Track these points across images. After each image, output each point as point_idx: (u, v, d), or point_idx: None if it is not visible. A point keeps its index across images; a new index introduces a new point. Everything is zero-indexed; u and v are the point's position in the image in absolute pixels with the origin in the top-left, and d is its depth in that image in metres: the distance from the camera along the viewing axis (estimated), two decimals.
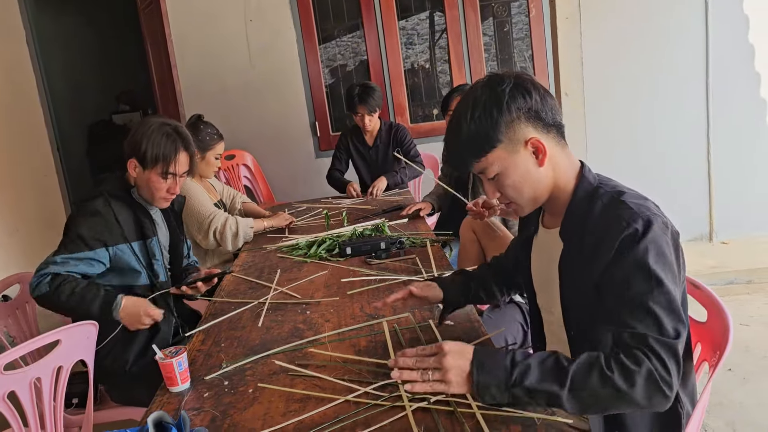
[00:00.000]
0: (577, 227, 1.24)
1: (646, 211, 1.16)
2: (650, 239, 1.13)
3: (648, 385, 1.05)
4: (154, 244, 2.02)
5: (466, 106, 1.24)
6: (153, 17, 4.16)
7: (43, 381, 1.64)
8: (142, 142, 1.93)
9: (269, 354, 1.63)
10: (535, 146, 1.22)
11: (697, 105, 4.07)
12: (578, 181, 1.27)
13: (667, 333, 1.09)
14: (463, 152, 1.26)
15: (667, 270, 1.13)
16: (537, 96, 1.21)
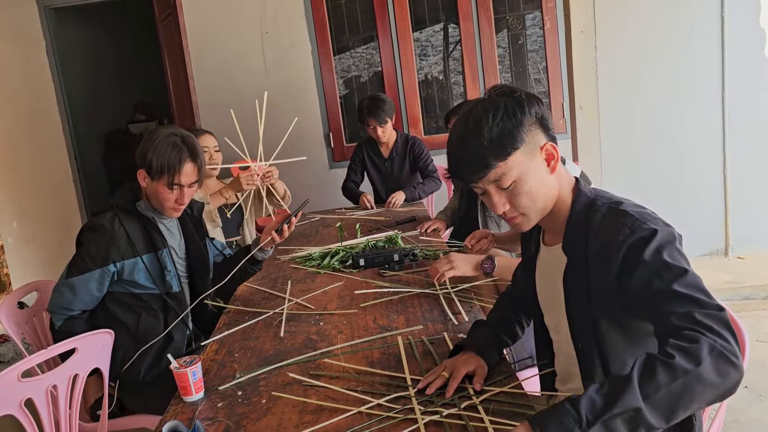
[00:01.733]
0: (580, 240, 1.25)
1: (647, 217, 1.18)
2: (659, 240, 1.13)
3: (714, 359, 0.98)
4: (165, 256, 2.02)
5: (485, 111, 1.22)
6: (170, 29, 4.22)
7: (59, 388, 1.66)
8: (148, 152, 1.94)
9: (283, 365, 1.63)
10: (549, 152, 1.24)
11: (713, 119, 4.05)
12: (575, 195, 1.28)
13: (710, 306, 1.05)
14: (485, 155, 1.21)
15: (682, 260, 1.13)
16: (541, 105, 1.27)
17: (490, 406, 1.32)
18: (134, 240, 1.95)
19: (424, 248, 2.59)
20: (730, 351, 0.99)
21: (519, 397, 1.35)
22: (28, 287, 2.28)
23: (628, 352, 1.23)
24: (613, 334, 1.24)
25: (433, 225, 2.98)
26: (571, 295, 1.30)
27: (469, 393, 1.37)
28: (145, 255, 1.97)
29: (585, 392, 1.02)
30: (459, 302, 1.92)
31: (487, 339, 1.51)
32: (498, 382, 1.42)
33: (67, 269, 1.94)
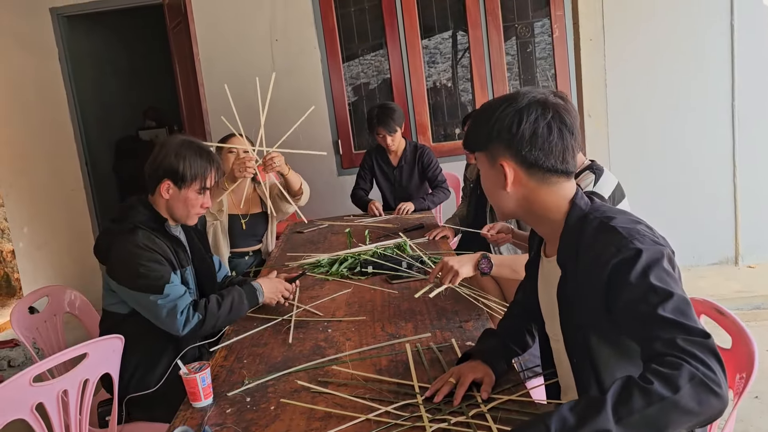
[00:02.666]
0: (571, 253, 1.24)
1: (635, 235, 1.15)
2: (645, 261, 1.11)
3: (694, 387, 0.97)
4: (188, 273, 2.04)
5: (483, 104, 1.33)
6: (181, 36, 4.26)
7: (70, 393, 1.67)
8: (178, 163, 1.95)
9: (291, 371, 1.64)
10: (504, 172, 1.25)
11: (723, 127, 4.04)
12: (569, 208, 1.27)
13: (695, 332, 1.03)
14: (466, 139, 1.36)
15: (672, 281, 1.10)
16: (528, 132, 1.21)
17: (497, 414, 1.32)
18: (166, 257, 1.95)
19: (432, 255, 2.59)
20: (712, 380, 0.98)
21: (527, 406, 1.35)
22: (38, 293, 2.30)
23: (619, 367, 1.22)
24: (604, 349, 1.22)
25: (442, 232, 2.98)
26: (563, 308, 1.29)
27: (476, 401, 1.37)
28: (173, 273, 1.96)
29: (558, 408, 1.02)
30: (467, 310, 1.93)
31: (495, 348, 1.51)
32: (506, 390, 1.42)
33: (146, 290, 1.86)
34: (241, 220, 3.03)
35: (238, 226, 3.02)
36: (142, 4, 4.76)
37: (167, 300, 1.85)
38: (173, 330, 1.86)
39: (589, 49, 3.51)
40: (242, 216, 3.05)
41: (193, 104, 4.31)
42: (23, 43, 4.69)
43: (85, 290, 2.73)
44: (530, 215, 1.31)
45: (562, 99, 1.27)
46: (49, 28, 4.67)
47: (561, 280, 1.28)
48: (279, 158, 2.93)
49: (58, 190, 4.88)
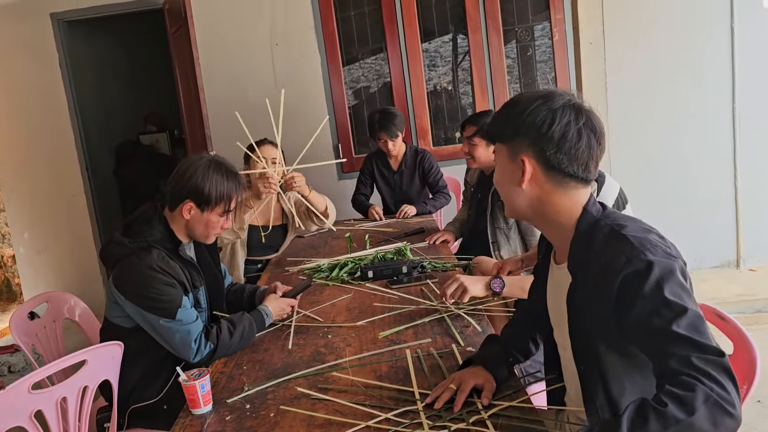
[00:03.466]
0: (582, 260, 1.22)
1: (647, 245, 1.12)
2: (657, 274, 1.09)
3: (709, 408, 0.97)
4: (200, 294, 2.03)
5: (513, 97, 1.30)
6: (181, 41, 4.26)
7: (69, 400, 1.67)
8: (203, 185, 1.91)
9: (291, 378, 1.63)
10: (523, 168, 1.24)
11: (724, 131, 4.03)
12: (581, 215, 1.25)
13: (710, 350, 1.02)
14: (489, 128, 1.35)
15: (683, 293, 1.09)
16: (558, 134, 1.19)
17: (498, 420, 1.31)
18: (178, 279, 1.92)
19: (432, 260, 2.58)
20: (726, 400, 0.97)
21: (527, 412, 1.34)
22: (38, 298, 2.29)
23: (628, 377, 1.20)
24: (613, 358, 1.21)
25: (442, 236, 2.97)
26: (573, 316, 1.28)
27: (477, 407, 1.36)
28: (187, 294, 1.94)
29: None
30: (468, 315, 1.92)
31: (497, 354, 1.50)
32: (507, 397, 1.41)
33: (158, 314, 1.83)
34: (262, 232, 3.00)
35: (257, 237, 3.00)
36: (142, 9, 4.76)
37: (179, 325, 1.82)
38: (184, 357, 1.83)
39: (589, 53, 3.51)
40: (263, 228, 3.01)
41: (193, 109, 4.31)
42: (24, 48, 4.70)
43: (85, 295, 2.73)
44: (540, 217, 1.29)
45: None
46: (50, 34, 4.68)
47: (571, 287, 1.26)
48: (300, 178, 2.93)
49: (58, 195, 4.88)
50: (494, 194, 2.86)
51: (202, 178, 1.92)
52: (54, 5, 4.65)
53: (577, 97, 1.23)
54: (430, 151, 4.21)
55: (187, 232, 2.00)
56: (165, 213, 1.99)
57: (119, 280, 1.89)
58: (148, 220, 1.96)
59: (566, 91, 1.24)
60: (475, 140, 2.86)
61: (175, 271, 1.90)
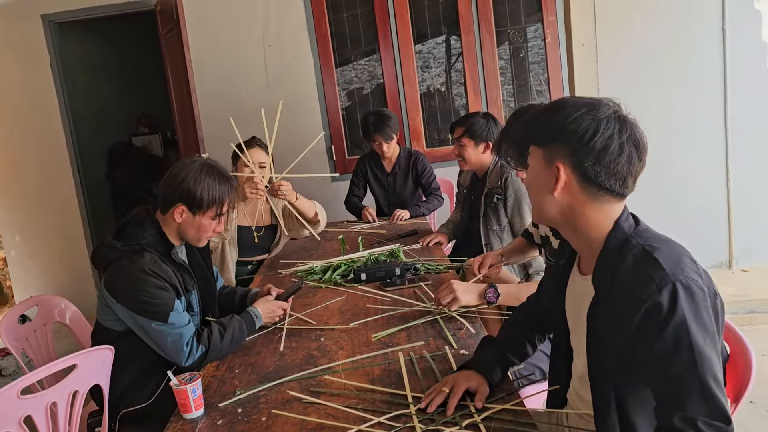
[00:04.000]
0: (608, 278, 1.18)
1: (679, 275, 1.08)
2: (686, 308, 1.05)
3: None
4: (193, 298, 2.01)
5: (555, 101, 1.25)
6: (173, 43, 4.24)
7: (59, 405, 1.65)
8: (195, 189, 1.89)
9: (283, 381, 1.62)
10: (557, 175, 1.18)
11: (716, 131, 4.05)
12: (612, 230, 1.20)
13: (718, 416, 1.03)
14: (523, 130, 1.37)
15: (707, 339, 1.06)
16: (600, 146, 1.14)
17: (491, 424, 1.31)
18: (170, 283, 1.90)
19: (426, 262, 2.58)
20: None
21: (521, 415, 1.34)
22: (28, 302, 2.28)
23: (641, 400, 1.17)
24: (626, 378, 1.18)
25: (436, 238, 2.97)
26: (592, 332, 1.24)
27: (470, 411, 1.36)
28: (179, 298, 1.92)
29: None
30: (461, 317, 1.91)
31: (492, 358, 1.49)
32: (500, 400, 1.40)
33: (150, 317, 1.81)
34: (254, 233, 2.99)
35: (249, 238, 2.98)
36: (134, 10, 4.74)
37: (171, 329, 1.81)
38: (176, 360, 1.82)
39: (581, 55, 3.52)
40: (256, 229, 3.00)
41: (185, 110, 4.29)
42: (15, 50, 4.66)
43: (77, 298, 2.71)
44: (569, 227, 1.24)
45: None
46: (41, 35, 4.65)
47: (593, 301, 1.22)
48: (286, 187, 2.91)
49: (50, 197, 4.85)
50: (487, 196, 2.86)
51: (194, 181, 1.90)
52: (45, 7, 4.62)
53: (622, 109, 1.18)
54: (424, 152, 4.21)
55: (179, 235, 1.99)
56: (157, 216, 1.97)
57: (111, 283, 1.87)
58: (140, 223, 1.94)
59: (612, 101, 1.19)
60: (464, 141, 2.86)
61: (167, 275, 1.89)
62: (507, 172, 2.78)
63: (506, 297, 1.95)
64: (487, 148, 2.86)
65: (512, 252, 2.43)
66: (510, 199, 2.77)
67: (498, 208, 2.81)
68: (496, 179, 2.85)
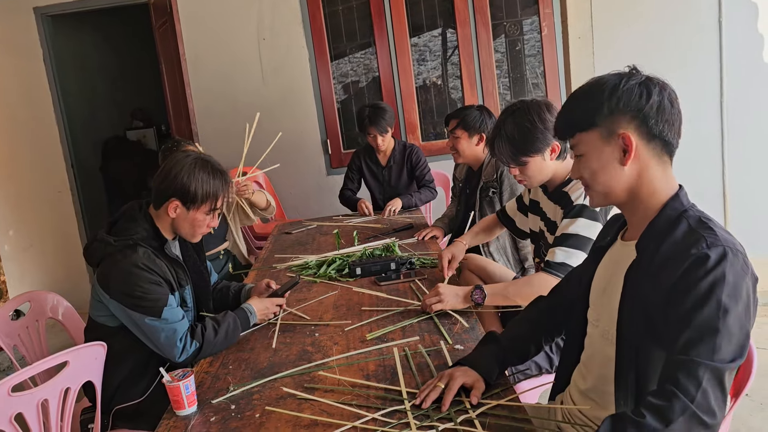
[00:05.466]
0: (655, 241, 1.21)
1: (731, 244, 1.13)
2: (727, 271, 1.09)
3: (686, 420, 1.03)
4: (186, 293, 2.00)
5: (589, 82, 1.28)
6: (167, 36, 4.21)
7: (51, 402, 1.64)
8: (189, 184, 1.87)
9: (277, 377, 1.61)
10: (626, 144, 1.22)
11: (712, 124, 4.04)
12: (671, 199, 1.24)
13: (720, 357, 1.06)
14: (566, 120, 1.31)
15: (738, 306, 1.09)
16: (657, 104, 1.22)
17: (486, 420, 1.30)
18: (164, 278, 1.89)
19: (421, 256, 2.57)
20: (705, 410, 1.04)
21: (516, 410, 1.33)
22: (20, 298, 2.25)
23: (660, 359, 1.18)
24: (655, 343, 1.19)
25: (431, 232, 2.96)
26: (627, 293, 1.25)
27: (465, 407, 1.35)
28: (173, 293, 1.91)
29: None
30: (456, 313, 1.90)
31: (491, 356, 1.47)
32: (495, 395, 1.40)
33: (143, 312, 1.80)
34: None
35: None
36: (127, 3, 4.70)
37: (165, 324, 1.80)
38: (170, 356, 1.81)
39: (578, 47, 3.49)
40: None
41: (180, 104, 4.27)
42: (6, 43, 4.62)
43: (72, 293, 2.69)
44: (633, 198, 1.26)
45: None
46: (33, 28, 4.60)
47: (634, 263, 1.25)
48: (249, 186, 3.03)
49: (43, 192, 4.82)
50: (482, 190, 2.84)
51: (188, 176, 1.88)
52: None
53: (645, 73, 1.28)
54: (419, 146, 4.19)
55: (173, 231, 1.97)
56: (150, 210, 1.96)
57: (104, 278, 1.85)
58: (133, 218, 1.93)
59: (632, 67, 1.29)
60: (458, 133, 2.86)
61: (161, 270, 1.87)
62: (502, 166, 2.76)
63: (493, 297, 1.92)
64: (481, 140, 2.85)
65: (478, 234, 2.45)
66: (506, 193, 2.76)
67: (494, 201, 2.80)
68: (491, 173, 2.83)
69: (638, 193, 1.26)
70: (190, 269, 2.05)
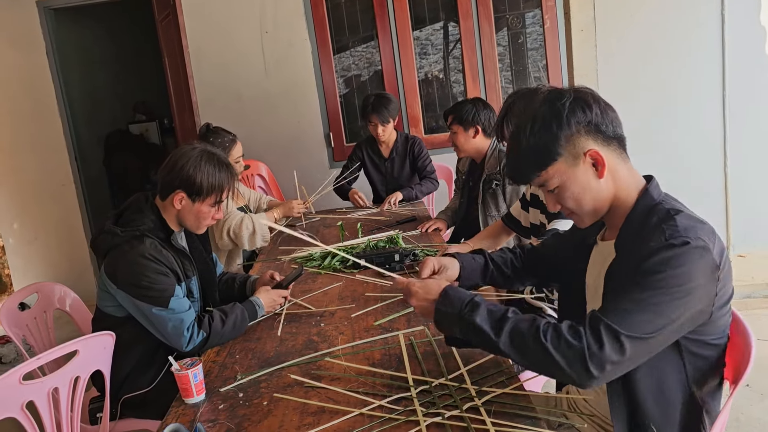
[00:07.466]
0: (632, 239, 1.24)
1: (690, 232, 1.15)
2: (678, 254, 1.12)
3: (572, 355, 1.11)
4: (193, 284, 2.02)
5: (526, 121, 1.27)
6: (170, 29, 4.21)
7: (61, 391, 1.66)
8: (195, 176, 1.89)
9: (283, 366, 1.63)
10: (594, 158, 1.24)
11: (714, 117, 4.04)
12: (641, 195, 1.27)
13: (628, 327, 1.10)
14: (523, 166, 1.29)
15: (681, 290, 1.11)
16: (597, 109, 1.24)
17: (491, 407, 1.32)
18: (171, 269, 1.91)
19: (425, 248, 2.58)
20: (594, 356, 1.10)
21: (520, 399, 1.35)
22: (28, 289, 2.27)
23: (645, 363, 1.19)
24: None
25: (434, 225, 2.97)
26: (607, 288, 1.28)
27: (470, 394, 1.37)
28: (180, 284, 1.92)
29: (487, 302, 1.26)
30: None
31: (475, 259, 1.64)
32: (500, 384, 1.41)
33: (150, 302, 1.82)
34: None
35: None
36: None
37: (172, 314, 1.82)
38: (177, 346, 1.83)
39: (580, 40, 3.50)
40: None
41: (182, 97, 4.27)
42: (9, 37, 4.63)
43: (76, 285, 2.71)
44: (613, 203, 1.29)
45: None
46: (36, 22, 4.61)
47: (613, 262, 1.27)
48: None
49: (47, 185, 4.84)
50: (485, 182, 2.86)
51: (194, 168, 1.90)
52: None
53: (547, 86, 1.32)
54: (422, 139, 4.20)
55: (179, 222, 1.99)
56: (156, 202, 1.97)
57: (111, 269, 1.87)
58: (140, 209, 1.94)
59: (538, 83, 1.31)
60: (454, 128, 2.88)
61: (167, 260, 1.89)
62: (505, 158, 2.78)
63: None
64: (477, 133, 2.86)
65: (483, 240, 2.43)
66: (509, 186, 2.77)
67: (497, 194, 2.81)
68: (494, 165, 2.85)
69: (617, 197, 1.28)
70: (196, 260, 2.07)
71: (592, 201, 1.27)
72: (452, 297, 1.30)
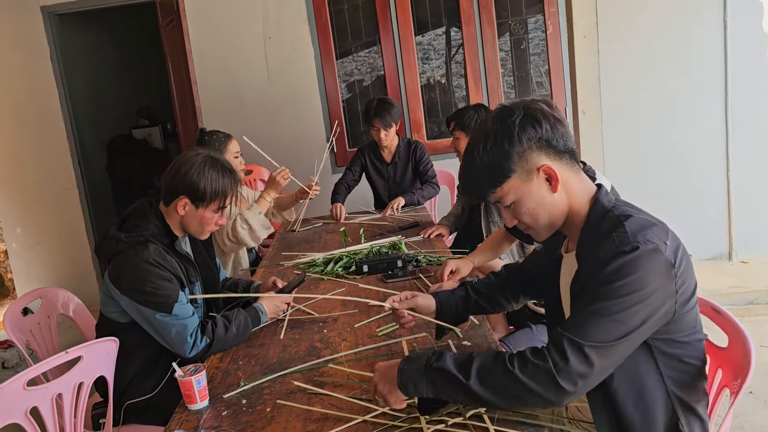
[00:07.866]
0: (589, 249, 1.24)
1: (639, 238, 1.16)
2: (630, 261, 1.13)
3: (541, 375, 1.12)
4: (196, 290, 2.02)
5: (478, 139, 1.28)
6: (174, 34, 4.24)
7: (65, 397, 1.66)
8: (198, 182, 1.90)
9: (287, 373, 1.63)
10: (548, 173, 1.25)
11: (716, 122, 4.05)
12: (592, 204, 1.28)
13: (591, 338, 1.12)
14: (478, 183, 1.30)
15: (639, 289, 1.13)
16: (547, 125, 1.24)
17: (495, 415, 1.32)
18: (175, 274, 1.91)
19: (427, 254, 2.59)
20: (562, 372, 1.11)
21: None
22: (32, 294, 2.28)
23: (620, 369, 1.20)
24: None
25: (437, 230, 2.97)
26: (572, 301, 1.30)
27: None
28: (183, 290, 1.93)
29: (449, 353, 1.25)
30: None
31: (454, 292, 1.67)
32: None
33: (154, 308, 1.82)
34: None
35: None
36: (134, 2, 4.73)
37: (175, 320, 1.82)
38: (180, 352, 1.83)
39: (582, 46, 3.50)
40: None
41: (186, 102, 4.29)
42: (14, 41, 4.65)
43: (79, 290, 2.72)
44: (568, 215, 1.30)
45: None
46: (40, 27, 4.63)
47: (576, 274, 1.28)
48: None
49: (50, 189, 4.85)
50: None
51: (197, 174, 1.91)
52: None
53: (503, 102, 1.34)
54: (425, 144, 4.20)
55: (182, 228, 1.99)
56: (160, 208, 1.98)
57: (115, 274, 1.88)
58: (144, 215, 1.95)
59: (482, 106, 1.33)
60: (456, 134, 2.88)
61: (171, 266, 1.89)
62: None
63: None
64: None
65: (485, 251, 2.40)
66: None
67: None
68: None
69: (572, 209, 1.29)
70: (200, 266, 2.07)
71: (548, 215, 1.28)
72: (415, 355, 1.29)
